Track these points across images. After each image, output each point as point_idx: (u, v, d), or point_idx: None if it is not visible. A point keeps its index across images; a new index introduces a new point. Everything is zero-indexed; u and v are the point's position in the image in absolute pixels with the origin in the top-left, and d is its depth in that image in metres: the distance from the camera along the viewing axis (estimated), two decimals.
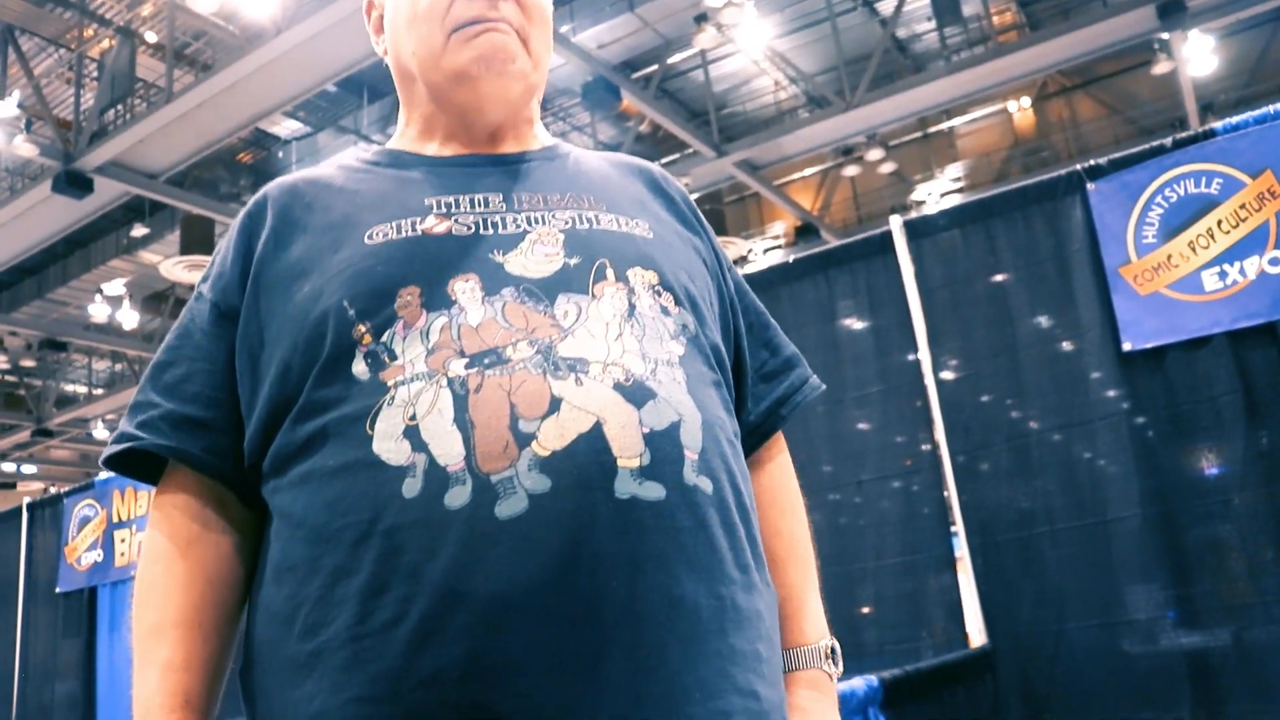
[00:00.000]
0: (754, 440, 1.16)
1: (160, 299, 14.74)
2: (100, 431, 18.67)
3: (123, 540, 6.28)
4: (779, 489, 1.18)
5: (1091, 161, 3.31)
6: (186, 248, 11.67)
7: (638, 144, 12.56)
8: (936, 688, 2.89)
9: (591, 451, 0.87)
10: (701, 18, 9.76)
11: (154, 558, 1.01)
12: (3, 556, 7.15)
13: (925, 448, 3.58)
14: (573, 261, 1.00)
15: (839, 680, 1.12)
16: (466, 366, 0.91)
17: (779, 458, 1.21)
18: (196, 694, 0.96)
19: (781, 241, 14.75)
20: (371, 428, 0.90)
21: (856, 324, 3.84)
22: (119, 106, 10.25)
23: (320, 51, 8.67)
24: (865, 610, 3.54)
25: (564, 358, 0.92)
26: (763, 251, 14.96)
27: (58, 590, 6.61)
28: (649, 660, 0.85)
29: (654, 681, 0.85)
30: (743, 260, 14.42)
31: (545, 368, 0.91)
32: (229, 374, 1.03)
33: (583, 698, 0.83)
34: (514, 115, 1.15)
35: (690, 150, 11.47)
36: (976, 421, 3.48)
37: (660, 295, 1.02)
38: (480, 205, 1.04)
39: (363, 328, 0.95)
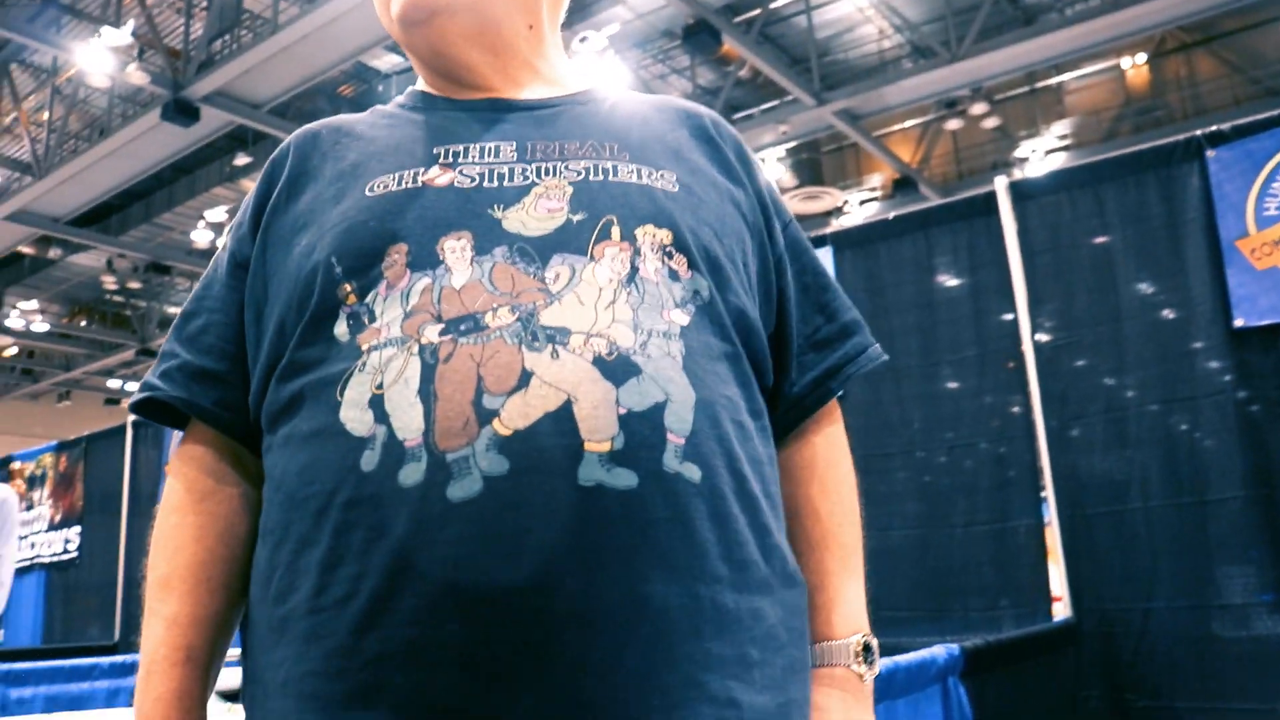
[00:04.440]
0: (798, 413, 1.06)
1: None
2: None
3: None
4: (823, 465, 1.06)
5: (1213, 127, 3.17)
6: None
7: (737, 89, 12.39)
8: (1018, 659, 2.86)
9: (556, 433, 0.81)
10: None
11: (169, 509, 1.00)
12: (108, 470, 7.45)
13: (1017, 410, 3.52)
14: (576, 218, 0.92)
15: (874, 679, 1.01)
16: (441, 333, 0.86)
17: (827, 430, 1.08)
18: (199, 648, 0.95)
19: (879, 194, 14.45)
20: (341, 394, 0.87)
21: (954, 284, 3.76)
22: (226, 37, 10.43)
23: None
24: (948, 574, 3.51)
25: (544, 326, 0.85)
26: (859, 203, 14.69)
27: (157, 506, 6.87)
28: (600, 664, 0.79)
29: (603, 688, 0.78)
30: (838, 211, 14.21)
31: (522, 337, 0.85)
32: (241, 326, 1.02)
33: (518, 700, 0.78)
34: (492, 51, 1.07)
35: (790, 97, 11.27)
36: (1073, 389, 3.40)
37: (671, 258, 0.92)
38: (490, 155, 0.98)
39: (348, 287, 0.91)
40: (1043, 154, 13.53)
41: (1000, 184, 3.59)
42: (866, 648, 0.99)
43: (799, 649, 0.94)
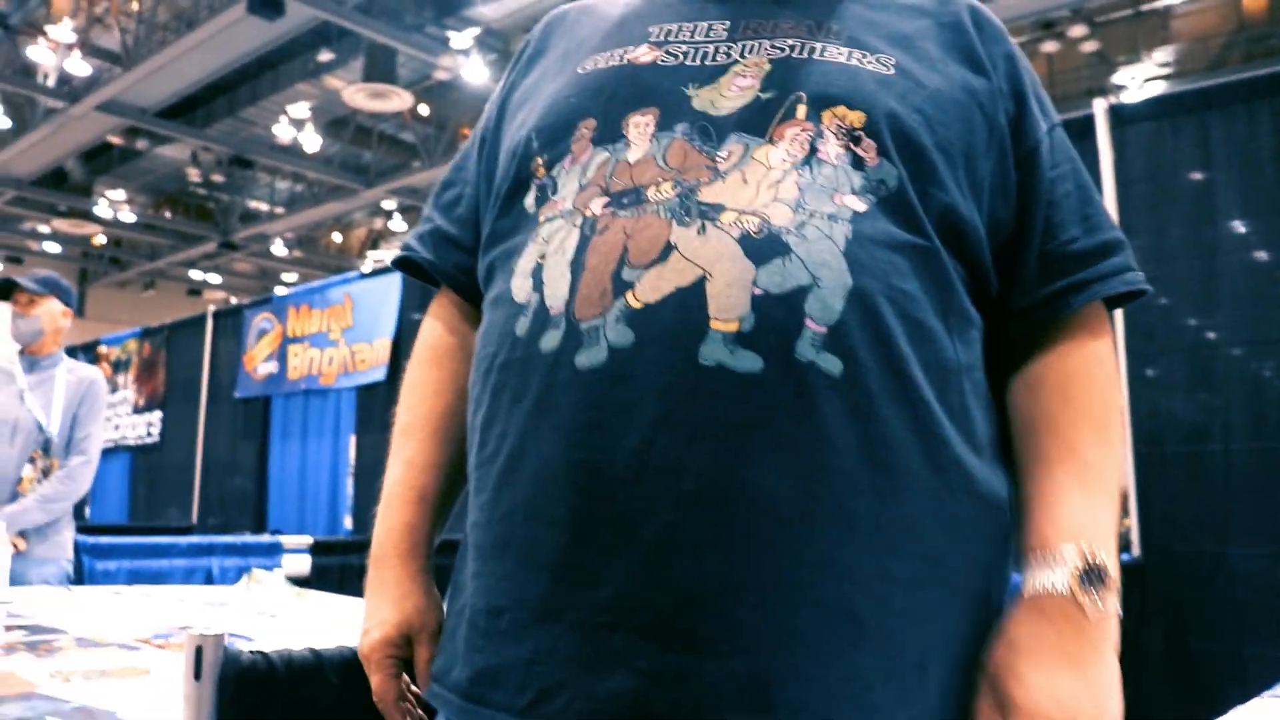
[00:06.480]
0: (1031, 325, 0.92)
1: (341, 124, 15.12)
2: (279, 248, 19.57)
3: (295, 355, 6.63)
4: (1066, 376, 0.90)
5: None
6: (369, 75, 11.87)
7: None
8: None
9: (683, 308, 0.78)
10: None
11: (415, 363, 1.09)
12: (189, 359, 7.67)
13: None
14: (765, 96, 0.87)
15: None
16: (604, 206, 0.85)
17: (1080, 342, 0.91)
18: (431, 490, 1.02)
19: None
20: (515, 264, 0.90)
21: None
22: None
23: None
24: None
25: (700, 202, 0.82)
26: None
27: (236, 396, 7.07)
28: (691, 545, 0.75)
29: (695, 569, 0.75)
30: None
31: (676, 212, 0.82)
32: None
33: (610, 567, 0.77)
34: None
35: None
36: (1160, 325, 3.30)
37: (858, 143, 0.85)
38: (701, 34, 0.95)
39: (540, 160, 0.93)
40: (1141, 82, 12.99)
41: (1099, 107, 3.46)
42: (1091, 569, 0.80)
43: (981, 582, 0.84)
